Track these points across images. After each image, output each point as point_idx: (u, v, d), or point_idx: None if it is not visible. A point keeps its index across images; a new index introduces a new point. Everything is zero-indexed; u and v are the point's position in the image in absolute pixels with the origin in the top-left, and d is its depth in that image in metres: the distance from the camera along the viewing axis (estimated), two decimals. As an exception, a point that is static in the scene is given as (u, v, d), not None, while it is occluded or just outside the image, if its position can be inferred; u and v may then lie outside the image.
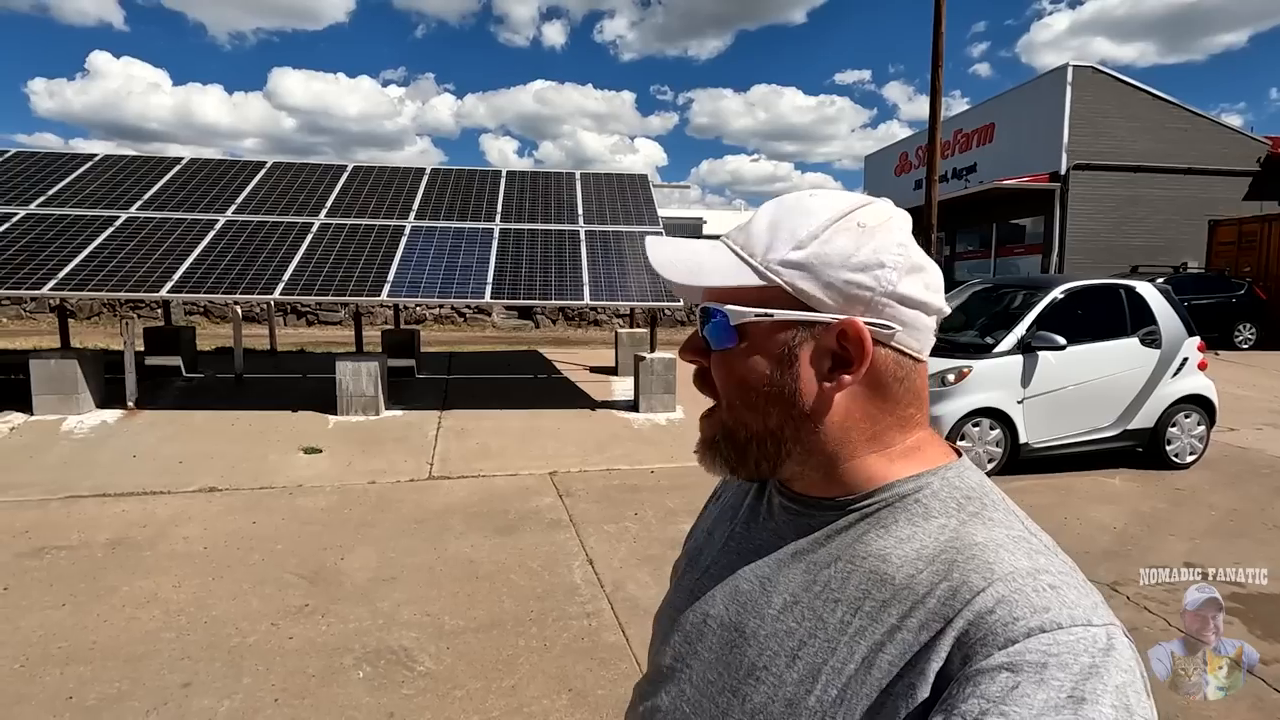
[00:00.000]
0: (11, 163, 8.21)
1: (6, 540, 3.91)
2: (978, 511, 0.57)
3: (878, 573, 0.56)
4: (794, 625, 0.58)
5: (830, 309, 0.57)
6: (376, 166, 9.19)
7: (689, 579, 0.71)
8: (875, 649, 0.52)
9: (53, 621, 3.06)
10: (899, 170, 26.14)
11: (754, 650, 0.59)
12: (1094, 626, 0.47)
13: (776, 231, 0.60)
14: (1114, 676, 0.45)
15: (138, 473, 5.10)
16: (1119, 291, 5.74)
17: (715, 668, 0.62)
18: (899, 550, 0.56)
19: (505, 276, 7.14)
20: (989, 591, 0.50)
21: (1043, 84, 18.57)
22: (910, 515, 0.58)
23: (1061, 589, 0.50)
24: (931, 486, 0.59)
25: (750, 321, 0.59)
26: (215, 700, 2.54)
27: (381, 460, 5.54)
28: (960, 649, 0.48)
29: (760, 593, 0.62)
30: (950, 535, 0.56)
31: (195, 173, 8.48)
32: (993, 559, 0.52)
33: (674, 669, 0.66)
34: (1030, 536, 0.56)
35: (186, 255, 6.83)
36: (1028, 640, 0.46)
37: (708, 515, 0.79)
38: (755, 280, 0.58)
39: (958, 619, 0.49)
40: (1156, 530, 4.43)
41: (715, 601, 0.65)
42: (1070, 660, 0.45)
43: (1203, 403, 5.73)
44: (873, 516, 0.59)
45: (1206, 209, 17.14)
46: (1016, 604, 0.48)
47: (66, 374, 6.43)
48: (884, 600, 0.54)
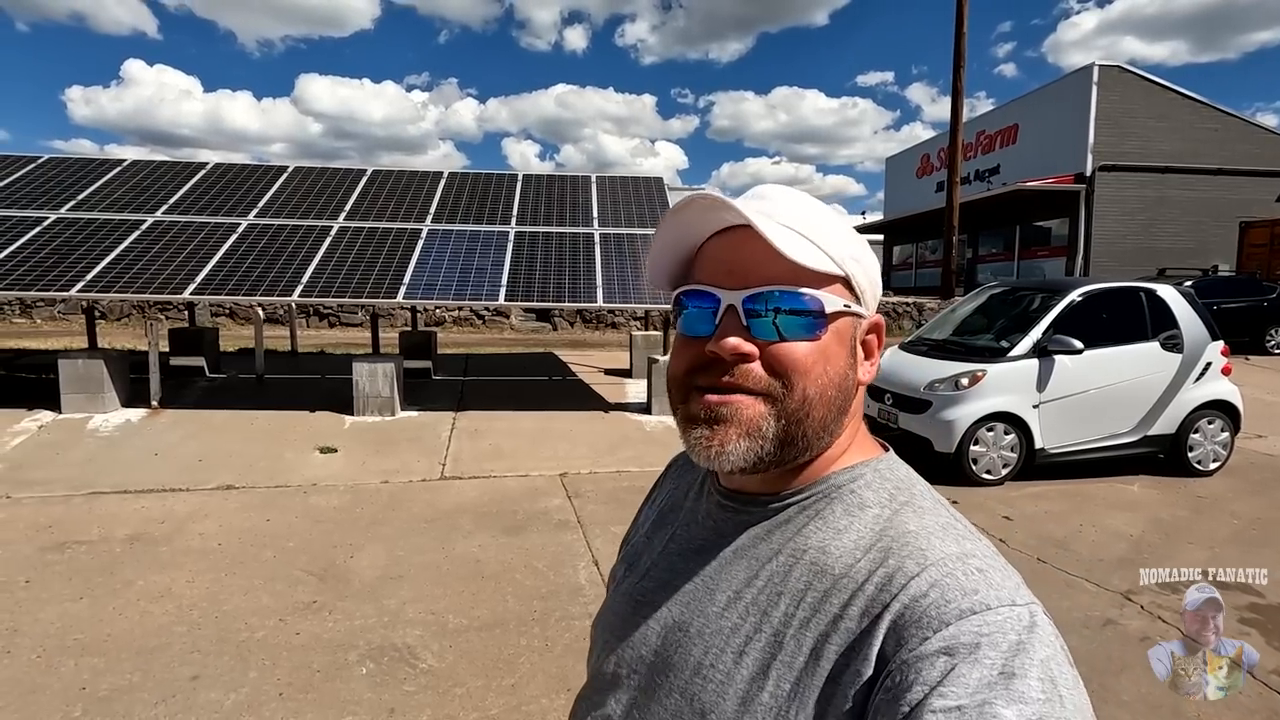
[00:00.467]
0: (44, 168, 8.46)
1: (30, 535, 4.03)
2: (908, 501, 0.60)
3: (818, 564, 0.57)
4: (739, 621, 0.58)
5: (867, 304, 0.62)
6: (395, 170, 9.32)
7: (628, 583, 0.71)
8: (821, 640, 0.53)
9: (70, 614, 3.15)
10: (920, 172, 25.89)
11: (699, 649, 0.59)
12: (1018, 606, 0.50)
13: (828, 223, 0.60)
14: (1039, 651, 0.48)
15: (158, 470, 5.22)
16: (1139, 294, 5.63)
17: (662, 670, 0.61)
18: (837, 541, 0.58)
19: (520, 279, 7.20)
20: (922, 576, 0.52)
21: (1067, 84, 18.29)
22: (846, 506, 0.60)
23: (988, 572, 0.52)
24: (865, 478, 0.61)
25: (837, 311, 0.59)
26: (222, 693, 2.59)
27: (395, 460, 5.60)
28: (895, 631, 0.50)
29: (704, 591, 0.62)
30: (884, 525, 0.58)
31: (219, 178, 8.67)
32: (925, 545, 0.54)
33: (619, 675, 0.65)
34: (956, 523, 0.58)
35: (209, 258, 6.98)
36: (960, 622, 0.48)
37: (644, 519, 0.78)
38: (832, 269, 0.58)
39: (894, 603, 0.51)
40: (1175, 538, 4.34)
41: (658, 603, 0.65)
42: (1000, 639, 0.48)
43: (1227, 408, 5.60)
44: (811, 509, 0.61)
45: (1238, 210, 16.75)
46: (948, 587, 0.51)
47: (93, 374, 6.60)
48: (826, 590, 0.55)
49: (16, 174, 8.24)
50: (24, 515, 4.33)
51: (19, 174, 8.25)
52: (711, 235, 0.61)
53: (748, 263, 0.58)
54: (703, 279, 0.60)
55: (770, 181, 0.83)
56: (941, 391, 5.31)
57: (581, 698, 0.71)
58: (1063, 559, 3.97)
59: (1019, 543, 4.20)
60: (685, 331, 0.61)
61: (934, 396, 5.33)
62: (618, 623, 0.68)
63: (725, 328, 0.57)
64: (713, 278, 0.59)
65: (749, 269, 0.57)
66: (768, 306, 0.57)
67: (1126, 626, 3.23)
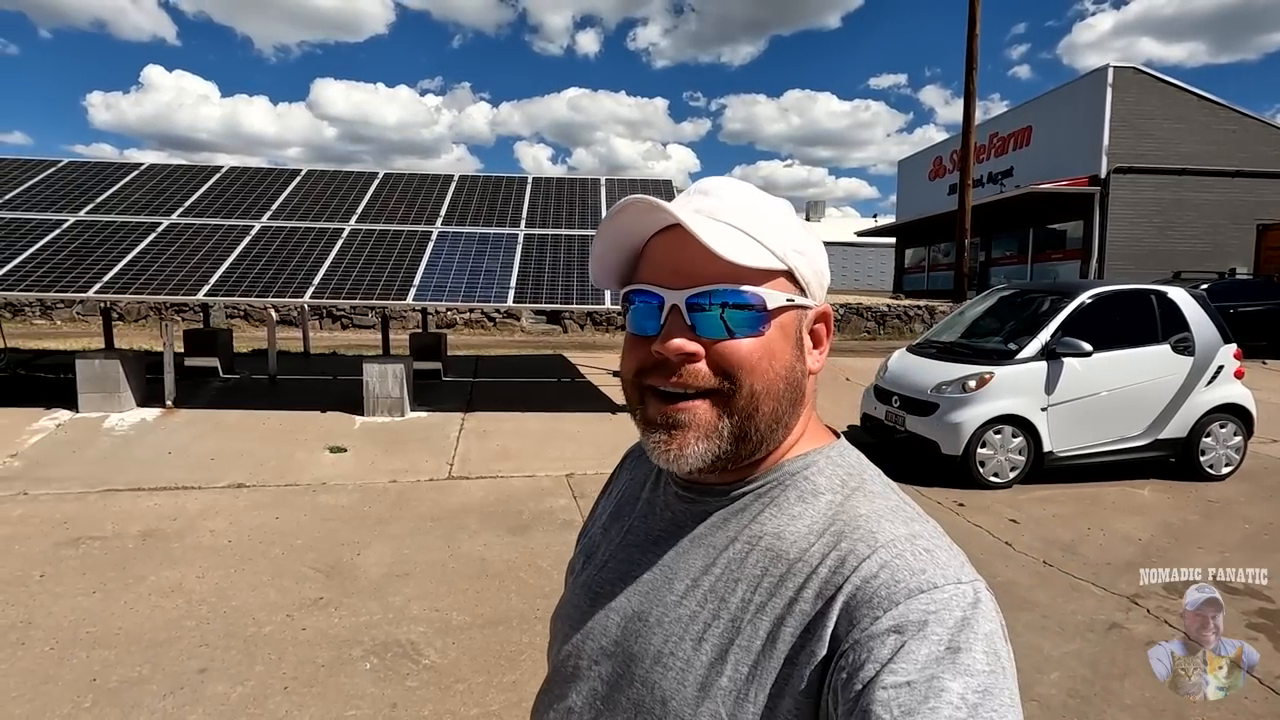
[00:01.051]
0: (64, 172, 8.62)
1: (46, 530, 4.11)
2: (859, 486, 0.61)
3: (774, 549, 0.58)
4: (697, 608, 0.59)
5: (813, 294, 0.63)
6: (406, 174, 9.41)
7: (586, 575, 0.71)
8: (778, 623, 0.55)
9: (83, 608, 3.21)
10: (933, 175, 25.74)
11: (659, 637, 0.60)
12: (963, 584, 0.52)
13: (771, 217, 0.60)
14: (983, 625, 0.50)
15: (172, 468, 5.30)
16: (1149, 297, 5.58)
17: (623, 660, 0.62)
18: (792, 527, 0.59)
19: (529, 281, 7.24)
20: (873, 558, 0.53)
21: (1082, 86, 18.13)
22: (800, 493, 0.61)
23: (935, 552, 0.54)
24: (818, 464, 0.63)
25: (780, 306, 0.59)
26: (228, 686, 2.64)
27: (403, 460, 5.66)
28: (848, 612, 0.52)
29: (662, 580, 0.63)
30: (837, 509, 0.59)
31: (233, 181, 8.79)
32: (875, 529, 0.56)
33: (580, 667, 0.65)
34: (905, 506, 0.60)
35: (223, 260, 7.08)
36: (909, 601, 0.50)
37: (601, 511, 0.79)
38: (773, 264, 0.58)
39: (846, 585, 0.53)
40: (1184, 543, 4.29)
41: (616, 594, 0.66)
42: (946, 615, 0.50)
43: (1239, 412, 5.53)
44: (766, 496, 0.62)
45: (1256, 213, 16.55)
46: (898, 568, 0.52)
47: (109, 374, 6.72)
48: (781, 575, 0.57)
49: (38, 177, 8.40)
50: (41, 511, 4.41)
51: (40, 177, 8.41)
52: (656, 233, 0.61)
53: (689, 262, 0.57)
54: (647, 278, 0.60)
55: (783, 185, 0.82)
56: (949, 394, 5.29)
57: (544, 691, 0.71)
58: (1069, 562, 3.94)
59: (1025, 546, 4.17)
60: (633, 330, 0.62)
61: (941, 399, 5.31)
62: (577, 615, 0.68)
63: (670, 328, 0.58)
64: (656, 277, 0.59)
65: (691, 268, 0.57)
66: (710, 305, 0.57)
67: (1132, 630, 3.21)
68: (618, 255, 0.63)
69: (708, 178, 0.65)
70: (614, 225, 0.60)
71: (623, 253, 0.63)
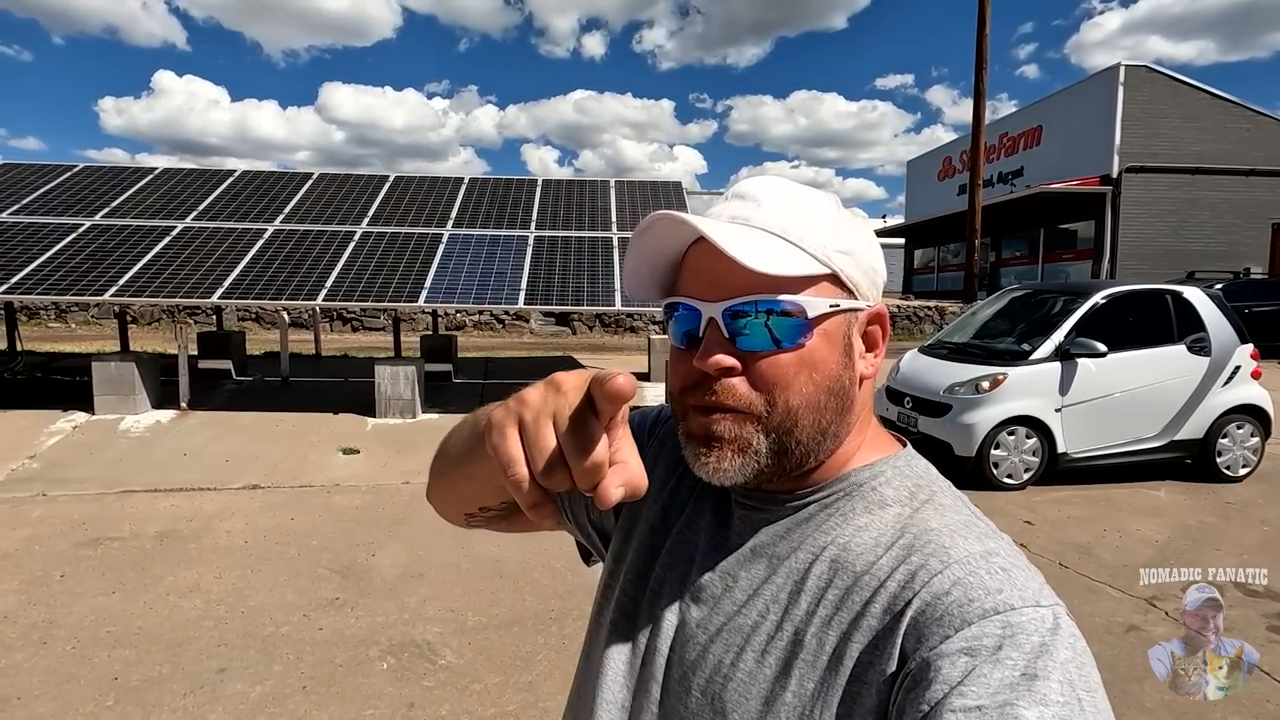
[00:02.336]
0: (79, 176, 8.72)
1: (65, 531, 4.15)
2: (929, 499, 0.59)
3: (839, 561, 0.56)
4: (759, 619, 0.57)
5: (864, 295, 0.60)
6: (417, 176, 9.46)
7: (638, 569, 0.68)
8: (844, 638, 0.53)
9: (103, 607, 3.24)
10: (942, 175, 25.65)
11: (720, 647, 0.58)
12: (1042, 607, 0.49)
13: (812, 218, 0.58)
14: (1062, 653, 0.47)
15: (187, 470, 5.35)
16: (1165, 297, 5.53)
17: (681, 668, 0.60)
18: (859, 538, 0.57)
19: (539, 283, 7.27)
20: (945, 574, 0.51)
21: (1093, 85, 18.02)
22: (867, 503, 0.59)
23: (1011, 571, 0.51)
24: (885, 475, 0.61)
25: (823, 313, 0.56)
26: (248, 685, 2.66)
27: (416, 461, 5.68)
28: (917, 628, 0.50)
29: (721, 587, 0.61)
30: (906, 522, 0.57)
31: (246, 184, 8.87)
32: (948, 543, 0.54)
33: (633, 667, 0.63)
34: (977, 522, 0.57)
35: (236, 263, 7.14)
36: (983, 622, 0.48)
37: (654, 502, 0.73)
38: (815, 269, 0.56)
39: (916, 600, 0.51)
40: (1202, 544, 4.26)
41: (673, 596, 0.63)
42: (1023, 640, 0.47)
43: (1256, 413, 5.48)
44: (831, 506, 0.60)
45: (1271, 212, 16.39)
46: (972, 586, 0.50)
47: (125, 376, 6.78)
48: (847, 588, 0.55)
49: (53, 182, 8.50)
50: (59, 512, 4.46)
51: (55, 182, 8.51)
52: (695, 241, 0.59)
53: (724, 273, 0.55)
54: (685, 290, 0.59)
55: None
56: (962, 395, 5.26)
57: (588, 693, 0.67)
58: (1086, 564, 3.92)
59: (1040, 547, 4.15)
60: (676, 343, 0.60)
61: (954, 400, 5.29)
62: (634, 610, 0.66)
63: (709, 343, 0.56)
64: (694, 289, 0.58)
65: (726, 279, 0.55)
66: (747, 316, 0.55)
67: (1151, 633, 3.18)
68: (653, 269, 0.61)
69: (747, 179, 0.62)
70: (644, 240, 0.59)
71: (659, 265, 0.61)
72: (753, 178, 0.63)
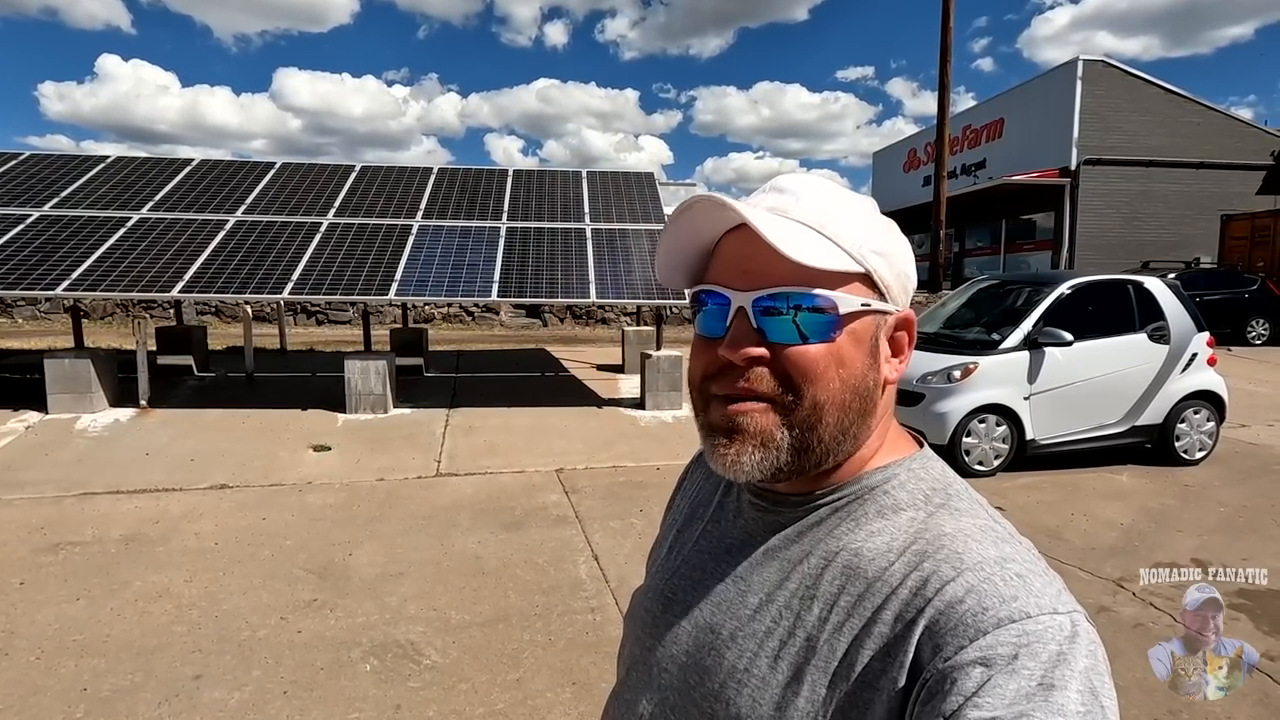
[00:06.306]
0: (25, 165, 8.33)
1: (23, 536, 3.98)
2: (944, 503, 0.58)
3: (851, 567, 0.56)
4: (772, 624, 0.57)
5: (894, 299, 0.59)
6: (384, 166, 9.26)
7: (660, 579, 0.70)
8: (855, 645, 0.53)
9: (68, 615, 3.12)
10: (907, 166, 26.02)
11: (733, 652, 0.58)
12: (1059, 614, 0.48)
13: (850, 216, 0.58)
14: (1080, 661, 0.46)
15: (150, 470, 5.17)
16: (1127, 287, 5.71)
17: (694, 671, 0.60)
18: (871, 543, 0.57)
19: (512, 275, 7.18)
20: (959, 581, 0.50)
21: (1053, 78, 18.44)
22: (880, 508, 0.58)
23: (1028, 577, 0.51)
24: (899, 478, 0.60)
25: (854, 311, 0.56)
26: (226, 692, 2.58)
27: (390, 457, 5.58)
28: (931, 638, 0.49)
29: (735, 592, 0.61)
30: (920, 527, 0.56)
31: (205, 174, 8.57)
32: (961, 549, 0.53)
33: (650, 674, 0.64)
34: (995, 525, 0.57)
35: (197, 256, 6.90)
36: (998, 631, 0.47)
37: (677, 510, 0.77)
38: (849, 266, 0.56)
39: (929, 608, 0.50)
40: (1164, 527, 4.41)
41: (689, 602, 0.64)
42: (1039, 649, 0.46)
43: (1212, 398, 5.69)
44: (843, 510, 0.59)
45: (1220, 204, 16.99)
46: (986, 593, 0.49)
47: (80, 373, 6.52)
48: (859, 594, 0.54)
49: (-3, 171, 8.11)
50: (15, 516, 4.27)
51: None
52: (727, 231, 0.59)
53: (758, 262, 0.55)
54: (716, 278, 0.58)
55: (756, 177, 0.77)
56: (934, 384, 5.36)
57: (615, 694, 0.70)
58: (1056, 548, 4.03)
59: (1012, 533, 4.25)
60: (701, 331, 0.59)
61: (927, 389, 5.38)
62: (649, 619, 0.67)
63: (736, 331, 0.56)
64: (725, 277, 0.57)
65: (760, 269, 0.55)
66: (778, 308, 0.55)
67: (1120, 613, 3.29)
68: (686, 254, 0.61)
69: (785, 175, 0.62)
70: (681, 223, 0.58)
71: (692, 251, 0.61)
72: (790, 174, 0.62)
